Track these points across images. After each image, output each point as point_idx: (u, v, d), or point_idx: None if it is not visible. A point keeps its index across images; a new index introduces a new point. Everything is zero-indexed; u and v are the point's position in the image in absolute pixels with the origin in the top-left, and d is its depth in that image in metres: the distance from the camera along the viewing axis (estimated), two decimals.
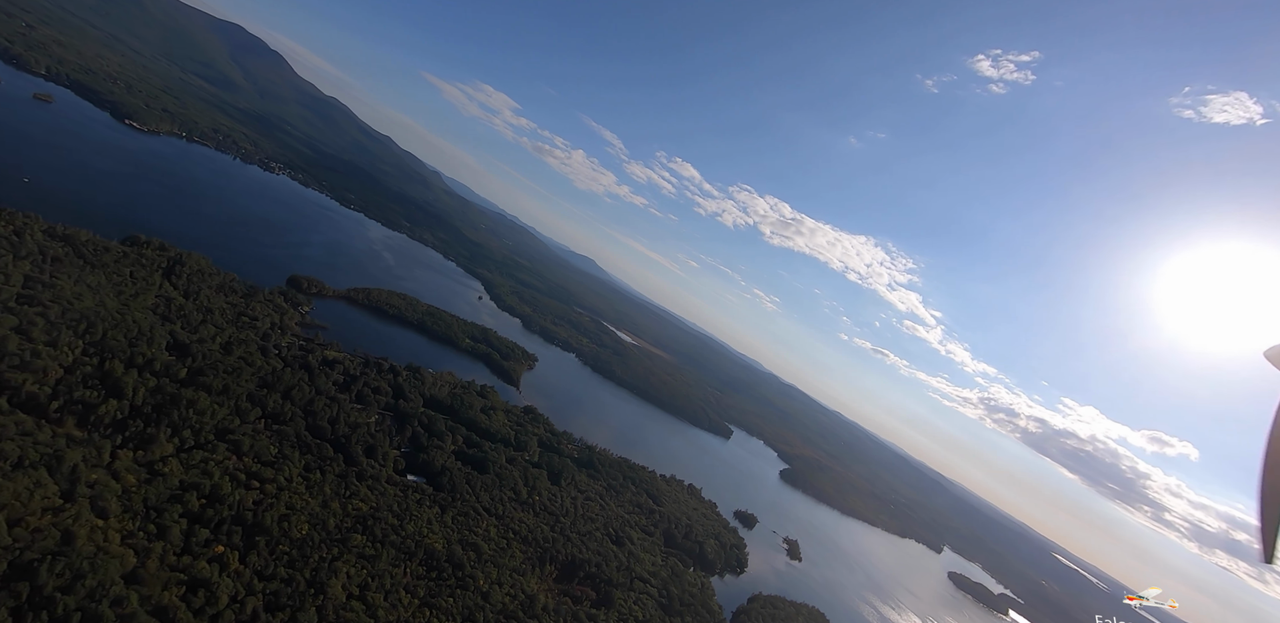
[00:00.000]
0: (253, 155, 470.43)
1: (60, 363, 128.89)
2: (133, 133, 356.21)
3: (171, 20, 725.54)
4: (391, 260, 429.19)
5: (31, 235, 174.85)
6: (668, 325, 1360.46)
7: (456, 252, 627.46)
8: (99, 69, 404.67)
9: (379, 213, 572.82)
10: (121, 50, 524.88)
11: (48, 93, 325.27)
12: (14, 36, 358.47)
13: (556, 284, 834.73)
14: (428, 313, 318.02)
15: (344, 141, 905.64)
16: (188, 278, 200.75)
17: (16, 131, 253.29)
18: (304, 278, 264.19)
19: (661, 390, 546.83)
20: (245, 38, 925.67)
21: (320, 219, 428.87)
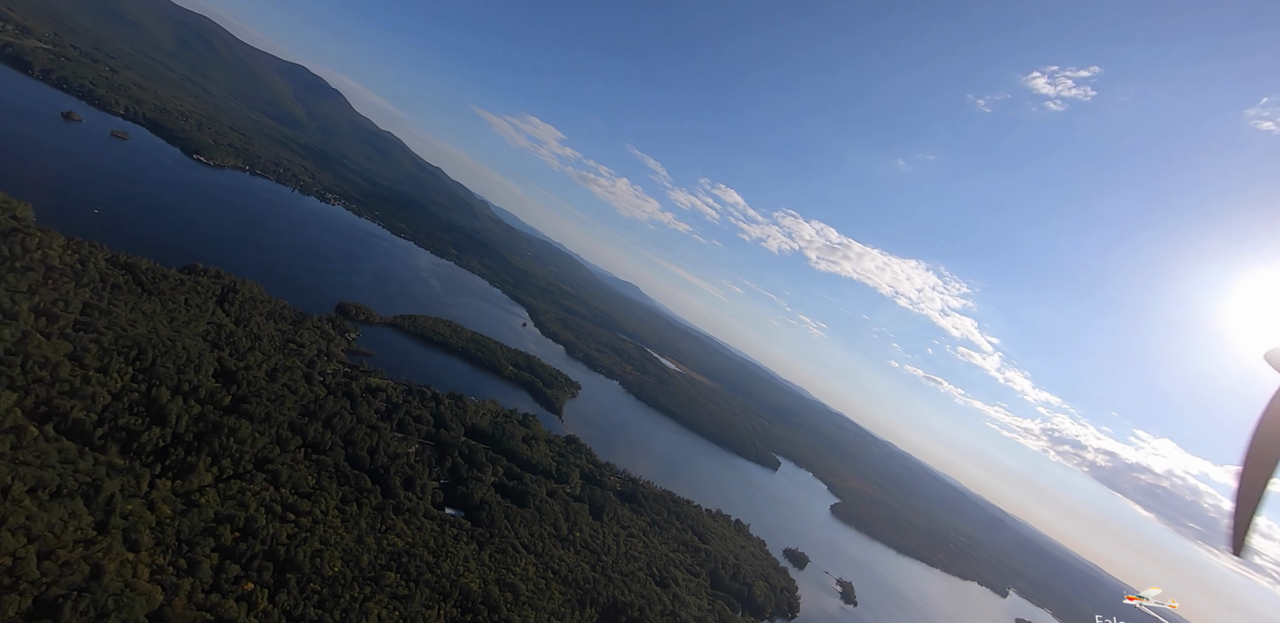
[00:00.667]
0: (310, 187, 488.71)
1: (109, 389, 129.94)
2: (200, 167, 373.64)
3: (242, 63, 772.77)
4: (438, 287, 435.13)
5: (95, 264, 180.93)
6: (712, 352, 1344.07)
7: (502, 279, 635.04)
8: (173, 108, 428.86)
9: (428, 241, 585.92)
10: (195, 91, 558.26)
11: (124, 130, 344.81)
12: (98, 80, 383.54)
13: (600, 310, 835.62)
14: (472, 340, 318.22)
15: (398, 174, 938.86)
16: (240, 305, 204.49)
17: (92, 166, 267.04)
18: (352, 305, 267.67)
19: (706, 420, 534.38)
20: (308, 78, 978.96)
21: (371, 247, 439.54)
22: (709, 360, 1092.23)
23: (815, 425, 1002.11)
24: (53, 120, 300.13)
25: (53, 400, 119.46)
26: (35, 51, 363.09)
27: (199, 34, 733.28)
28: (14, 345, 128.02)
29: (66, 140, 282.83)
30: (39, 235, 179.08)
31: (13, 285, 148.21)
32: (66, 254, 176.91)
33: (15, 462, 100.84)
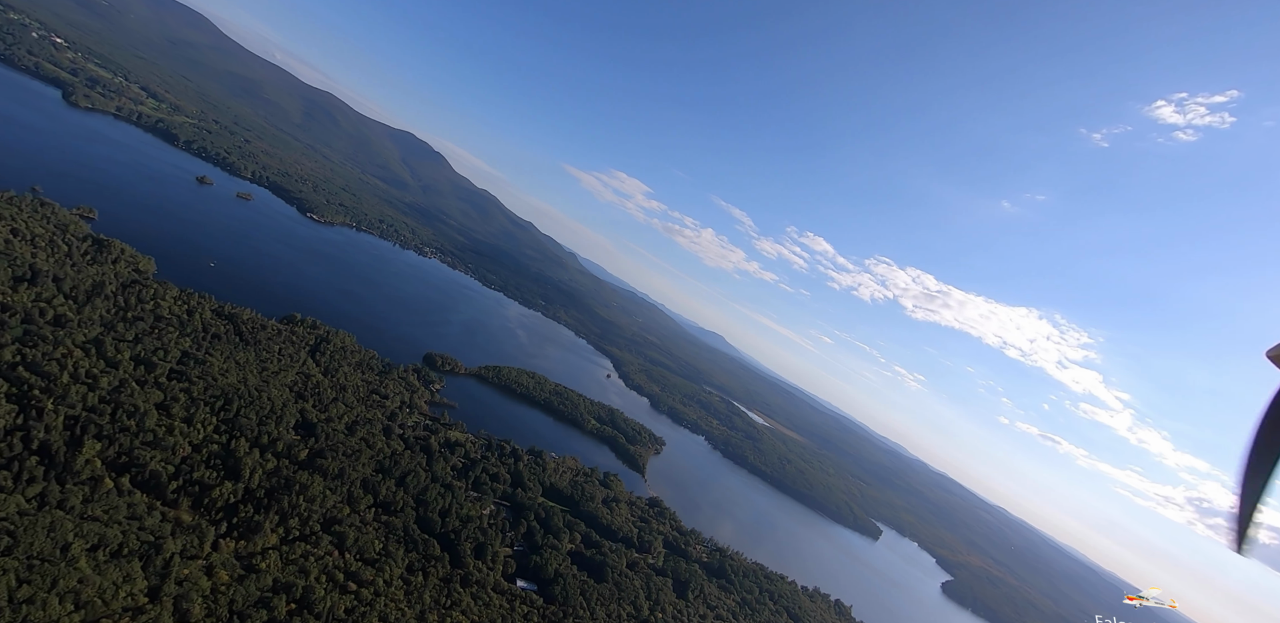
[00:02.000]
0: (410, 242, 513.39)
1: (190, 441, 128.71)
2: (311, 224, 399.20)
3: (358, 131, 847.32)
4: (525, 338, 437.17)
5: (201, 314, 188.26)
6: (802, 406, 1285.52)
7: (588, 329, 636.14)
8: (294, 172, 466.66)
9: (517, 292, 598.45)
10: (315, 157, 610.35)
11: (249, 192, 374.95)
12: (232, 149, 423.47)
13: (685, 361, 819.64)
14: (555, 392, 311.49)
15: (492, 228, 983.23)
16: (330, 355, 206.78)
17: (215, 224, 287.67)
18: (439, 355, 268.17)
19: (798, 480, 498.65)
20: (414, 142, 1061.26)
21: (462, 299, 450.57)
22: (799, 414, 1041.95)
23: (917, 487, 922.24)
24: (187, 184, 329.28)
25: (134, 450, 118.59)
26: (182, 126, 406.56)
27: (323, 107, 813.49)
28: (109, 393, 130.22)
29: (196, 201, 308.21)
30: (155, 287, 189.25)
31: (121, 334, 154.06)
32: (176, 305, 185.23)
33: (82, 517, 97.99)
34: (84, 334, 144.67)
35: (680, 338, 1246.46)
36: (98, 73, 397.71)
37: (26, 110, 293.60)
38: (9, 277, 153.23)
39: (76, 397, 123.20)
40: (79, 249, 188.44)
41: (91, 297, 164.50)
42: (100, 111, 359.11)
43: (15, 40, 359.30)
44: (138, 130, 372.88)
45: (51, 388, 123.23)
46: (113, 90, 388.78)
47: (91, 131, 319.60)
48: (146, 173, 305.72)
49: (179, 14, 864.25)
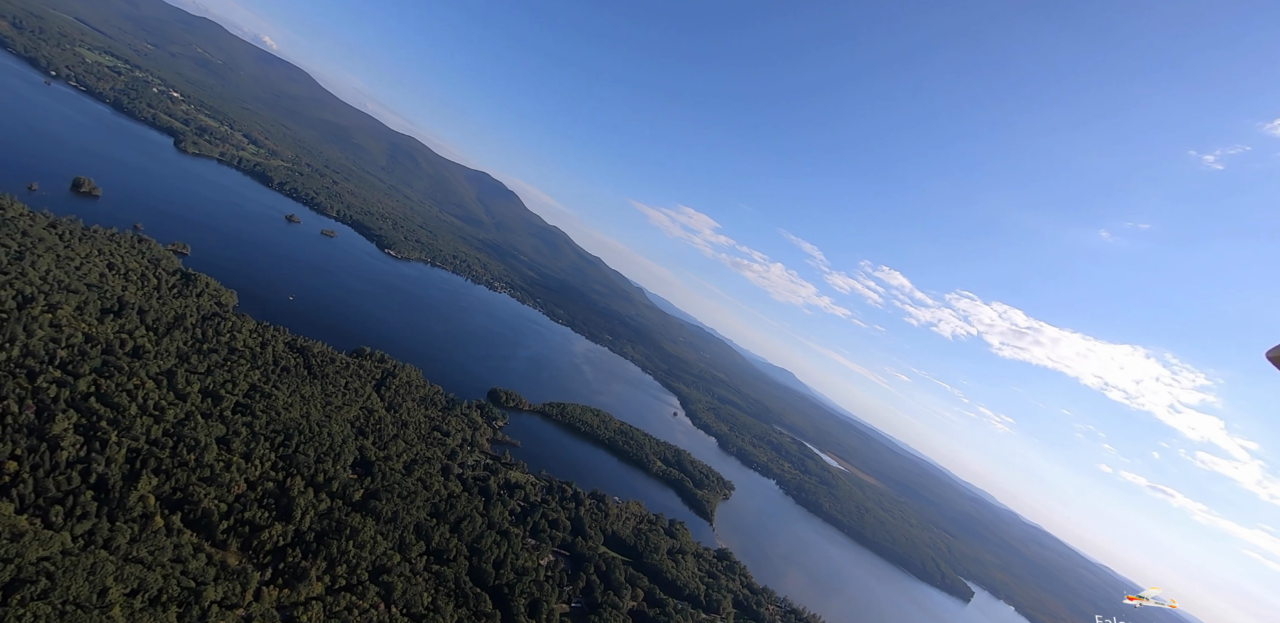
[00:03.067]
0: (481, 277, 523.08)
1: (247, 477, 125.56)
2: (389, 260, 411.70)
3: (437, 172, 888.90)
4: (590, 374, 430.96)
5: (274, 347, 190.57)
6: (878, 447, 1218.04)
7: (655, 365, 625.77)
8: (375, 211, 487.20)
9: (584, 327, 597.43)
10: (397, 197, 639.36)
11: (333, 230, 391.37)
12: (320, 190, 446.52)
13: (754, 399, 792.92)
14: (620, 431, 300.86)
15: (561, 264, 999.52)
16: (395, 390, 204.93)
17: (297, 260, 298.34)
18: (503, 391, 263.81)
19: (878, 531, 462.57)
20: (490, 182, 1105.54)
21: (530, 333, 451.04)
22: (875, 457, 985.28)
23: (1009, 541, 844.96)
24: (277, 222, 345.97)
25: (190, 487, 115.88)
26: (277, 169, 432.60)
27: (406, 151, 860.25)
28: (173, 426, 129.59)
29: (283, 238, 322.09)
30: (233, 320, 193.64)
31: (194, 366, 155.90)
32: (251, 337, 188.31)
33: (126, 558, 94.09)
34: (158, 366, 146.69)
35: (748, 374, 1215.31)
36: (206, 122, 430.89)
37: (140, 156, 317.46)
38: (98, 309, 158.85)
39: (141, 429, 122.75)
40: (167, 283, 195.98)
41: (171, 329, 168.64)
42: (206, 157, 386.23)
43: (138, 95, 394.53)
44: (237, 173, 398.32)
45: (119, 419, 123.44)
46: (218, 138, 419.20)
47: (195, 175, 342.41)
48: (240, 212, 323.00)
49: (283, 70, 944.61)
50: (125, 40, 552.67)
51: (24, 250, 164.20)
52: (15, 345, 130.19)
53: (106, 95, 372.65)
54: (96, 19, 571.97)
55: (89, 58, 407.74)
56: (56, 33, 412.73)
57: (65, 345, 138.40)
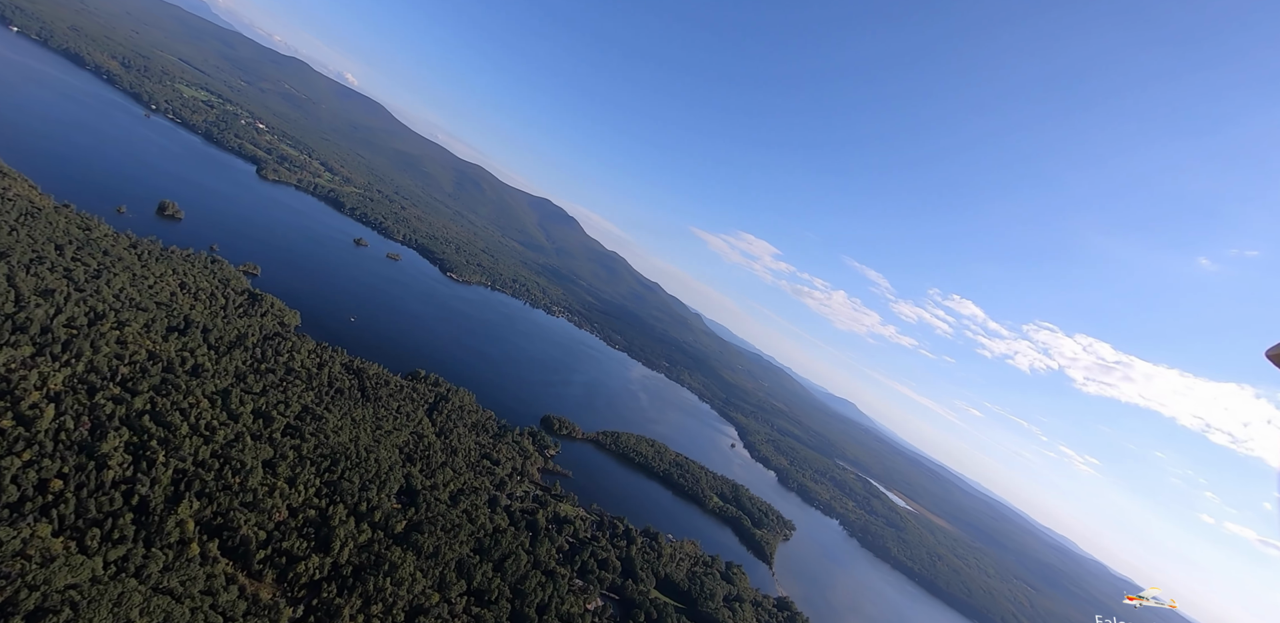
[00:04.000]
0: (540, 301, 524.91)
1: (290, 503, 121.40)
2: (450, 283, 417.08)
3: (500, 199, 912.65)
4: (646, 401, 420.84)
5: (330, 368, 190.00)
6: (949, 487, 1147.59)
7: (712, 393, 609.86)
8: (440, 235, 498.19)
9: (641, 353, 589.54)
10: (462, 222, 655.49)
11: (398, 253, 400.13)
12: (389, 215, 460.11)
13: (815, 431, 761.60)
14: (675, 463, 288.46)
15: (619, 289, 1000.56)
16: (448, 414, 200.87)
17: (362, 282, 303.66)
18: (557, 418, 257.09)
19: (952, 580, 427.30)
20: (551, 208, 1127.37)
21: (586, 358, 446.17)
22: (946, 497, 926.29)
23: (1098, 596, 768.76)
24: (345, 245, 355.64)
25: (231, 511, 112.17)
26: (349, 194, 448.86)
27: (472, 178, 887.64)
28: (222, 447, 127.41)
29: (351, 260, 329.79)
30: (294, 340, 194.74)
31: (249, 386, 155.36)
32: (309, 358, 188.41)
33: (155, 588, 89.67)
34: (215, 385, 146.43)
35: (809, 405, 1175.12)
36: (287, 151, 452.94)
37: (223, 182, 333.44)
38: (164, 327, 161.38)
39: (190, 450, 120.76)
40: (234, 302, 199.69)
41: (232, 348, 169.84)
42: (284, 183, 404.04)
43: (227, 126, 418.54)
44: (312, 199, 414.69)
45: (170, 439, 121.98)
46: (297, 165, 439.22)
47: (273, 200, 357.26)
48: (312, 235, 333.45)
49: (361, 104, 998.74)
50: (221, 77, 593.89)
51: (102, 269, 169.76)
52: (81, 361, 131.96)
53: (199, 127, 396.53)
54: (197, 59, 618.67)
55: (186, 93, 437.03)
56: (159, 71, 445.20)
57: (128, 362, 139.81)
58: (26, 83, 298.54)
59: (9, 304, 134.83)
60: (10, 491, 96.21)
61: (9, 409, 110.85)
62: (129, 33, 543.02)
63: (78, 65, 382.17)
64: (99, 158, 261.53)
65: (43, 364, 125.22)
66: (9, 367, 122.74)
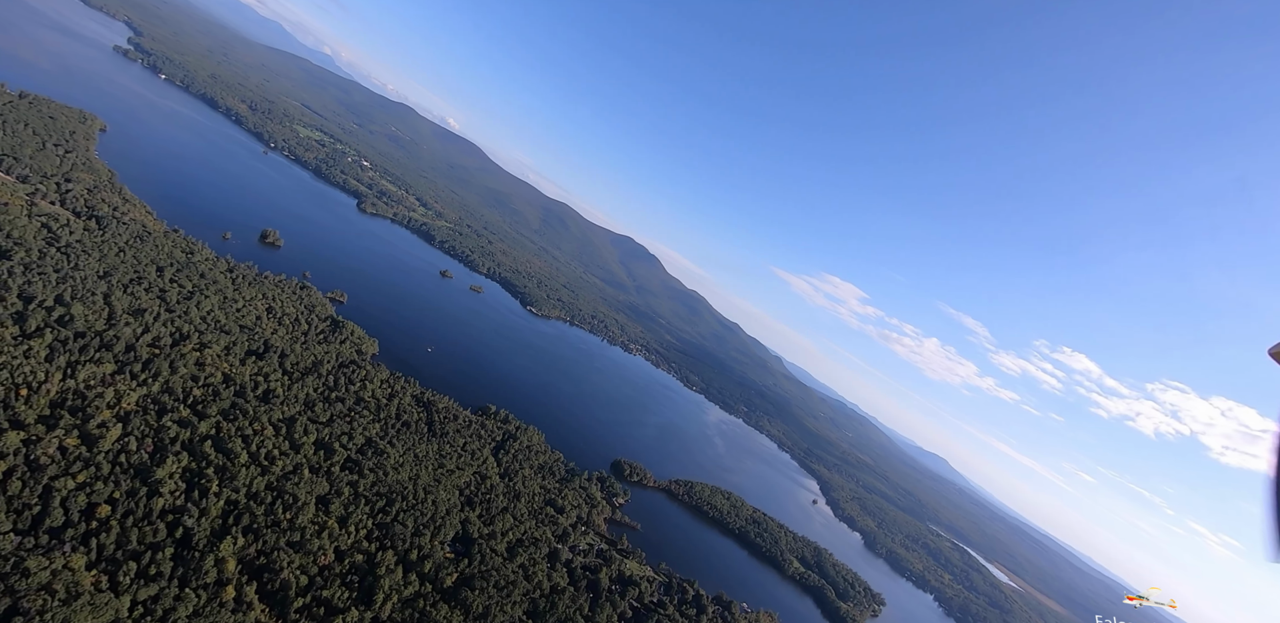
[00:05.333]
0: (617, 338, 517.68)
1: (337, 546, 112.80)
2: (529, 317, 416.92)
3: (584, 235, 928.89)
4: (722, 448, 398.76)
5: (400, 400, 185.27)
6: (1058, 561, 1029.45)
7: (793, 441, 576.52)
8: (523, 269, 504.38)
9: (719, 395, 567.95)
10: (546, 257, 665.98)
11: (481, 286, 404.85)
12: (475, 248, 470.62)
13: (905, 490, 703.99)
14: (752, 520, 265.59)
15: (698, 328, 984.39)
16: (514, 455, 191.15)
17: (443, 312, 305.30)
18: (628, 463, 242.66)
19: None
20: (633, 246, 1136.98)
21: (661, 399, 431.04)
22: (1055, 574, 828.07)
23: None
24: (431, 277, 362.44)
25: (276, 551, 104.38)
26: (440, 228, 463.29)
27: (557, 215, 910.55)
28: (277, 479, 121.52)
29: (435, 291, 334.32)
30: (368, 369, 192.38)
31: (316, 415, 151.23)
32: (380, 388, 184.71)
33: None
34: (282, 412, 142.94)
35: (897, 459, 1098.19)
36: (386, 187, 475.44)
37: (325, 214, 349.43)
38: (244, 350, 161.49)
39: (245, 480, 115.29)
40: (316, 328, 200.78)
41: (306, 374, 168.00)
42: (381, 216, 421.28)
43: (334, 163, 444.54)
44: (406, 231, 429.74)
45: (227, 467, 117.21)
46: (394, 200, 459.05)
47: (369, 231, 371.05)
48: (401, 265, 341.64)
49: (459, 145, 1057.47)
50: (335, 120, 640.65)
51: (195, 291, 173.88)
52: (157, 381, 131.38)
53: (310, 163, 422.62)
54: (317, 104, 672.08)
55: (302, 133, 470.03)
56: (281, 113, 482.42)
57: (202, 384, 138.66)
58: (164, 122, 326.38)
59: (101, 322, 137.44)
60: (56, 514, 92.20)
61: (77, 427, 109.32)
62: (260, 81, 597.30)
63: (212, 108, 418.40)
64: (215, 189, 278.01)
65: (120, 383, 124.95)
66: (88, 384, 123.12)
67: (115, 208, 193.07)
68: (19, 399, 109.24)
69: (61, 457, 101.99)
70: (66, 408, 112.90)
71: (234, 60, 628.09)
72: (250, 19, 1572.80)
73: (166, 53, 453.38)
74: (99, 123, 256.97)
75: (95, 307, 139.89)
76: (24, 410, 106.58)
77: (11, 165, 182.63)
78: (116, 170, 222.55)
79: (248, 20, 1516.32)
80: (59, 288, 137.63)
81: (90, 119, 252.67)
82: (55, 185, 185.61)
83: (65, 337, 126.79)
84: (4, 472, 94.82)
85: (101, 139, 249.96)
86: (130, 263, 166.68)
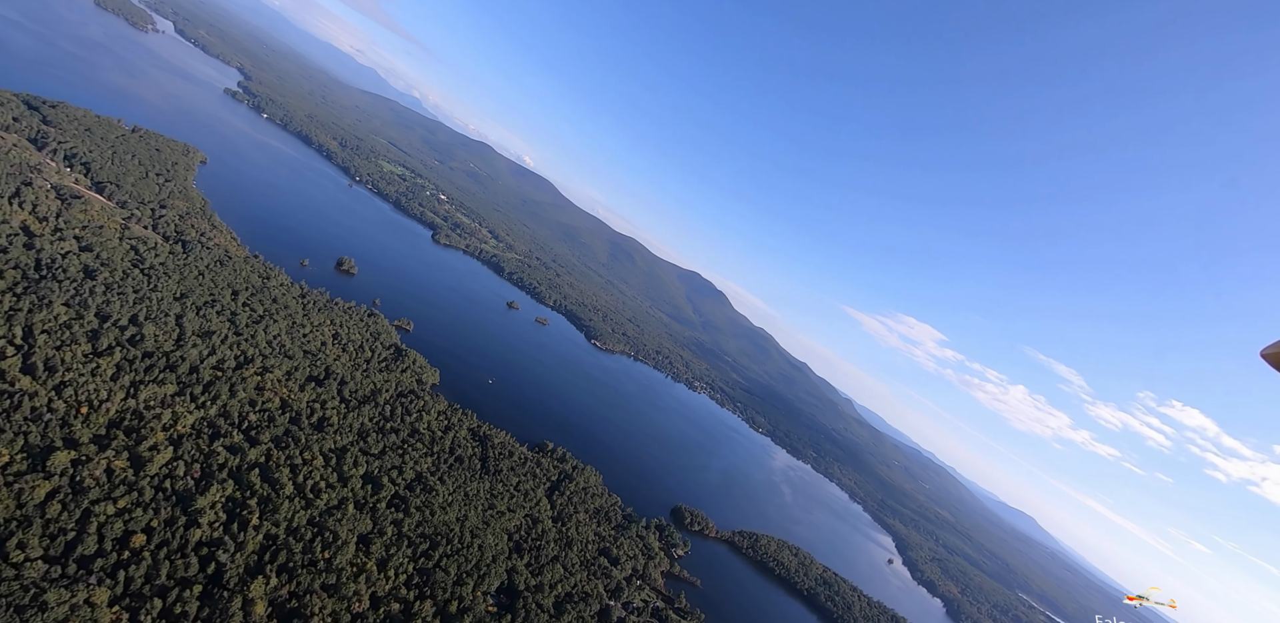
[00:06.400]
0: (682, 375, 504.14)
1: (375, 591, 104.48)
2: (593, 350, 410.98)
3: (651, 270, 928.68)
4: (789, 497, 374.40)
5: (456, 433, 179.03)
6: None
7: (865, 492, 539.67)
8: (589, 302, 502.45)
9: (786, 439, 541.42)
10: (612, 291, 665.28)
11: (546, 318, 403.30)
12: (543, 281, 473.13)
13: (990, 552, 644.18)
14: (822, 580, 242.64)
15: (765, 367, 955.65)
16: (569, 497, 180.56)
17: (507, 344, 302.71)
18: (689, 511, 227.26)
19: None
20: (699, 282, 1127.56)
21: (726, 441, 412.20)
22: None
23: None
24: (498, 307, 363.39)
25: (309, 595, 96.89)
26: (510, 260, 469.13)
27: (625, 249, 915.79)
28: (320, 514, 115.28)
29: (500, 322, 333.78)
30: (426, 399, 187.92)
31: (368, 446, 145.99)
32: (437, 420, 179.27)
33: None
34: (335, 441, 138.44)
35: (979, 516, 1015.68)
36: (461, 219, 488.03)
37: (401, 244, 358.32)
38: (305, 376, 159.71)
39: (287, 514, 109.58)
40: (380, 356, 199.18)
41: (363, 403, 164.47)
42: (454, 247, 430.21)
43: (414, 197, 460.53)
44: (477, 262, 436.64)
45: (271, 498, 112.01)
46: (468, 232, 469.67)
47: (441, 262, 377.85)
48: (469, 295, 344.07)
49: (533, 181, 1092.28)
50: (418, 157, 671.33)
51: (265, 315, 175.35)
52: (215, 404, 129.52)
53: (391, 196, 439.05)
54: (403, 141, 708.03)
55: (386, 168, 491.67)
56: (368, 150, 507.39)
57: (259, 410, 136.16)
58: (261, 156, 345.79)
59: (169, 342, 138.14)
60: (90, 542, 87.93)
61: (128, 449, 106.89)
62: (352, 121, 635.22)
63: (306, 144, 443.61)
64: (299, 218, 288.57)
65: (179, 404, 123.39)
66: (148, 404, 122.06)
67: (202, 233, 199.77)
68: (78, 417, 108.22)
69: (107, 479, 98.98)
70: (122, 428, 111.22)
71: (330, 102, 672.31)
72: (349, 66, 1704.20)
73: (270, 95, 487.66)
74: (200, 155, 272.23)
75: (166, 327, 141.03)
76: (80, 429, 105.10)
77: (113, 192, 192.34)
78: (210, 199, 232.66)
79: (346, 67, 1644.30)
80: (135, 308, 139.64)
81: (192, 152, 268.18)
82: (150, 211, 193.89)
83: (133, 356, 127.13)
84: (47, 493, 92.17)
85: (201, 170, 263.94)
86: (207, 286, 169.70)
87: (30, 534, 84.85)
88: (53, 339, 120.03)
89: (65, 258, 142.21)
